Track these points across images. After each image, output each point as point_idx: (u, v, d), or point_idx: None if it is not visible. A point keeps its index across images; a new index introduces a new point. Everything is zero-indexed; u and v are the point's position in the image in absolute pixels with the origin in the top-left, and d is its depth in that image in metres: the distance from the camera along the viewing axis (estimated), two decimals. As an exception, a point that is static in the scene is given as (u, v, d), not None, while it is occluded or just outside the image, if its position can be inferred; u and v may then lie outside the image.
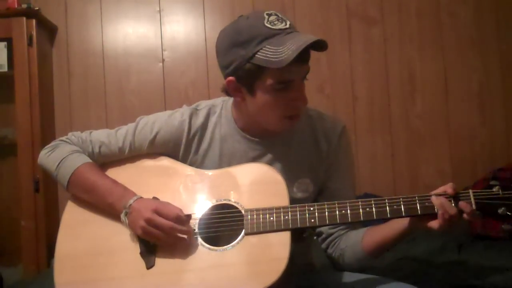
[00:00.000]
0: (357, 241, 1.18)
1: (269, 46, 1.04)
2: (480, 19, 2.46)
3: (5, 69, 2.32)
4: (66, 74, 2.53)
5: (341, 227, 1.23)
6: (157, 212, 1.09)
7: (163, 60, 2.53)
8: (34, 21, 2.28)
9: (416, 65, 2.48)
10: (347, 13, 2.50)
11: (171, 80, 2.52)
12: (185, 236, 1.10)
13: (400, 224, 1.10)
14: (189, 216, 1.12)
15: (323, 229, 1.26)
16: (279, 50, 1.03)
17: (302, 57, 1.03)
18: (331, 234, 1.24)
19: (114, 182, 1.20)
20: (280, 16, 1.09)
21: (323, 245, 1.26)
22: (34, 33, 2.27)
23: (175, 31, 2.54)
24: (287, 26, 1.07)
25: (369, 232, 1.18)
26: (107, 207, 1.17)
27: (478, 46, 2.46)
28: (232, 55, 1.09)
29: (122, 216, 1.13)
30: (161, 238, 1.10)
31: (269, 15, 1.08)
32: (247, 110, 1.17)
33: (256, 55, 1.05)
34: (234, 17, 1.15)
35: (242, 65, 1.08)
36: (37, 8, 2.32)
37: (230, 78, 1.13)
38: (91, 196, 1.20)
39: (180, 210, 1.11)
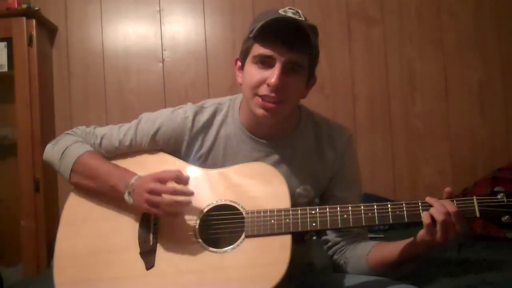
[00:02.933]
0: (363, 254, 1.18)
1: (262, 21, 1.08)
2: (480, 19, 2.46)
3: (5, 69, 2.32)
4: (66, 74, 2.52)
5: (348, 236, 1.23)
6: (158, 179, 1.11)
7: (163, 60, 2.53)
8: (34, 21, 2.28)
9: (416, 65, 2.48)
10: (347, 13, 2.50)
11: (171, 80, 2.52)
12: (188, 198, 1.11)
13: (406, 243, 1.10)
14: (187, 176, 1.13)
15: (329, 237, 1.26)
16: (262, 22, 1.07)
17: (284, 38, 1.07)
18: (338, 242, 1.24)
19: (115, 165, 1.21)
20: (300, 13, 1.12)
21: (330, 252, 1.26)
22: (34, 33, 2.27)
23: (175, 31, 2.54)
24: (297, 17, 1.10)
25: (376, 247, 1.18)
26: (109, 190, 1.17)
27: (478, 46, 2.46)
28: (245, 35, 1.16)
29: (126, 196, 1.13)
30: (166, 205, 1.09)
31: (290, 8, 1.13)
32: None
33: (253, 30, 1.10)
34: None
35: (244, 42, 1.15)
36: (37, 8, 2.33)
37: (237, 57, 1.19)
38: (93, 181, 1.20)
39: (179, 170, 1.13)
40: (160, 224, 1.15)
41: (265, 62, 1.10)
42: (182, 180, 1.13)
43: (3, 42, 2.31)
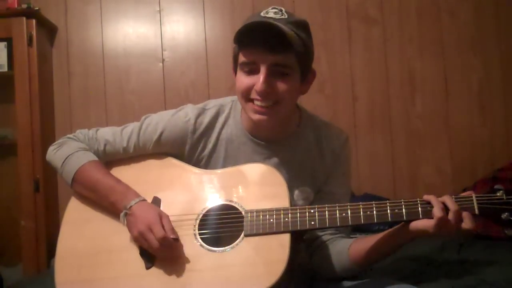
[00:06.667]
0: (344, 248, 1.16)
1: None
2: (480, 19, 2.46)
3: (5, 69, 2.33)
4: (66, 74, 2.52)
5: (328, 232, 1.21)
6: (150, 229, 1.09)
7: (163, 60, 2.53)
8: (34, 21, 2.28)
9: (416, 65, 2.48)
10: (347, 13, 2.50)
11: (171, 80, 2.52)
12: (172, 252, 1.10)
13: (390, 231, 1.09)
14: (176, 240, 1.10)
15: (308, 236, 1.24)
16: (237, 32, 1.09)
17: (264, 41, 1.06)
18: (317, 238, 1.22)
19: (117, 180, 1.20)
20: (283, 11, 1.11)
21: (308, 251, 1.24)
22: (34, 33, 2.27)
23: (175, 31, 2.54)
24: (277, 16, 1.09)
25: (357, 240, 1.16)
26: (109, 205, 1.18)
27: (478, 46, 2.45)
28: None
29: (121, 216, 1.14)
30: (151, 250, 1.10)
31: (274, 8, 1.12)
32: None
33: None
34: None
35: (233, 48, 1.16)
36: (37, 8, 2.32)
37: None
38: (94, 194, 1.20)
39: (171, 231, 1.09)
40: (160, 224, 1.15)
41: (250, 69, 1.10)
42: (167, 244, 1.08)
43: (3, 42, 2.31)
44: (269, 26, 1.05)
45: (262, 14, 1.11)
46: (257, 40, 1.07)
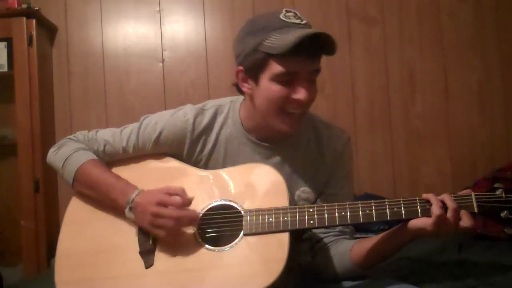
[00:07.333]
0: (346, 250, 1.16)
1: (276, 35, 1.05)
2: (480, 19, 2.46)
3: (5, 69, 2.32)
4: (66, 74, 2.52)
5: (332, 234, 1.22)
6: (162, 204, 1.10)
7: (163, 60, 2.53)
8: (34, 21, 2.28)
9: (416, 65, 2.48)
10: (347, 13, 2.50)
11: (171, 80, 2.52)
12: (191, 222, 1.11)
13: (390, 231, 1.09)
14: (191, 198, 1.12)
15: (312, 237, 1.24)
16: (283, 38, 1.04)
17: (308, 51, 1.04)
18: (320, 239, 1.22)
19: (117, 177, 1.21)
20: (298, 14, 1.10)
21: (311, 252, 1.24)
22: (34, 33, 2.27)
23: (175, 31, 2.54)
24: (302, 22, 1.08)
25: (359, 242, 1.16)
26: (110, 202, 1.18)
27: (478, 46, 2.45)
28: (244, 43, 1.11)
29: (127, 212, 1.14)
30: (169, 227, 1.09)
31: (288, 11, 1.10)
32: (254, 107, 1.17)
33: (264, 43, 1.06)
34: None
35: (250, 53, 1.09)
36: (37, 8, 2.32)
37: (240, 67, 1.15)
38: (95, 192, 1.21)
39: (182, 191, 1.12)
40: (160, 223, 1.15)
41: (289, 79, 1.08)
42: (186, 202, 1.11)
43: (3, 42, 2.31)
44: (317, 36, 1.04)
45: (282, 17, 1.08)
46: (302, 51, 1.04)
